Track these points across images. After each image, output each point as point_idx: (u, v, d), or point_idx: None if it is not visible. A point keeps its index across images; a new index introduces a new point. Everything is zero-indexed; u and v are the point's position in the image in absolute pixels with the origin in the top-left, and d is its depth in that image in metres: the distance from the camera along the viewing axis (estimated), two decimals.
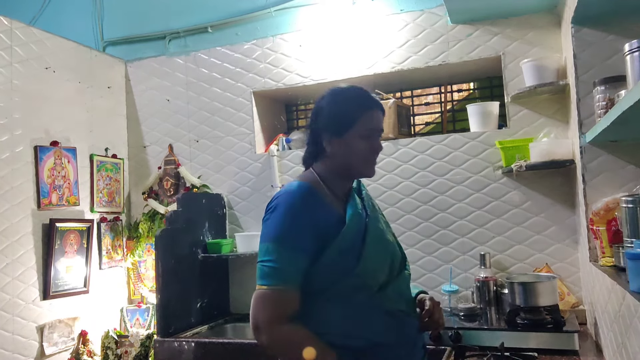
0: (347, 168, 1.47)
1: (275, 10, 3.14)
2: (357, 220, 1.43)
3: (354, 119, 1.44)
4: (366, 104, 1.47)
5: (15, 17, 2.74)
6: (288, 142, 3.12)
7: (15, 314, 2.55)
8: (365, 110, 1.45)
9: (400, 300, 1.44)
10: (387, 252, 1.47)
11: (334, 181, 1.48)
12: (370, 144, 1.46)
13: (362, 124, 1.44)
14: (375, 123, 1.47)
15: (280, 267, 1.33)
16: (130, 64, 3.44)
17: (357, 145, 1.44)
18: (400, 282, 1.47)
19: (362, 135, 1.44)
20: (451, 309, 2.53)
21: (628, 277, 1.40)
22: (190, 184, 3.25)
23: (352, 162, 1.46)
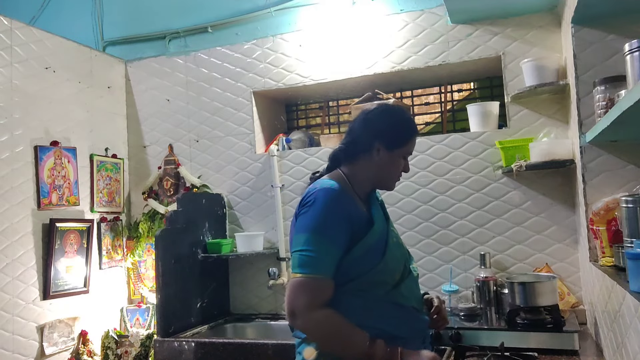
0: (379, 178, 1.62)
1: (275, 10, 3.14)
2: (381, 221, 1.58)
3: (406, 140, 1.60)
4: (416, 130, 1.65)
5: (15, 17, 2.74)
6: (288, 142, 3.12)
7: (15, 314, 2.55)
8: (414, 135, 1.64)
9: (411, 297, 1.55)
10: (402, 253, 1.62)
11: (360, 185, 1.61)
12: (405, 164, 1.64)
13: (409, 146, 1.62)
14: (414, 148, 1.65)
15: (318, 256, 1.41)
16: (130, 64, 3.44)
17: (397, 163, 1.61)
18: (411, 281, 1.59)
19: (404, 156, 1.63)
20: (451, 309, 2.53)
21: (628, 277, 1.40)
22: (190, 184, 3.25)
23: (386, 175, 1.62)
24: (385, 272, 1.50)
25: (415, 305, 1.57)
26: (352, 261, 1.46)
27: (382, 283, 1.49)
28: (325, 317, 1.41)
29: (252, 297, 3.08)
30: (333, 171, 1.64)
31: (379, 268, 1.48)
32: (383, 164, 1.59)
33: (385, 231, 1.57)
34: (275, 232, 3.03)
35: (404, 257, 1.62)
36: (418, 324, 1.57)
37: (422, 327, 1.59)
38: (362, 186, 1.61)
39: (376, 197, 1.69)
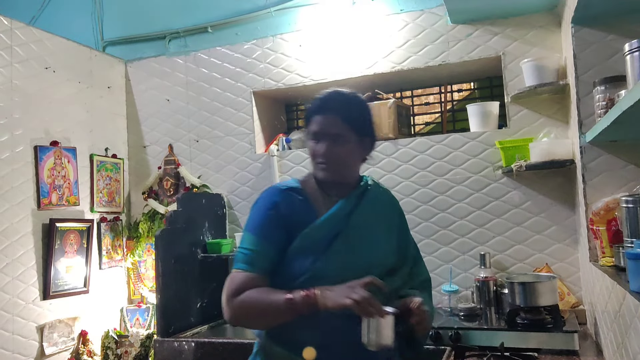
0: (312, 168, 1.53)
1: (275, 10, 3.14)
2: (329, 224, 1.45)
3: (307, 122, 1.52)
4: (312, 108, 1.50)
5: (15, 17, 2.74)
6: (288, 142, 3.11)
7: (15, 314, 2.55)
8: (311, 115, 1.49)
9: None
10: (357, 265, 1.42)
11: (322, 182, 1.51)
12: (314, 147, 1.48)
13: (310, 128, 1.50)
14: (317, 127, 1.47)
15: (249, 254, 1.44)
16: (130, 64, 3.44)
17: (309, 148, 1.51)
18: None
19: (310, 139, 1.50)
20: (451, 309, 2.53)
21: (628, 277, 1.40)
22: (190, 184, 3.25)
23: (311, 164, 1.51)
24: (318, 280, 1.36)
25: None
26: (288, 261, 1.43)
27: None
28: (243, 297, 1.38)
29: None
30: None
31: (311, 274, 1.39)
32: (309, 151, 1.51)
33: (332, 235, 1.43)
34: None
35: (359, 269, 1.39)
36: (350, 337, 1.35)
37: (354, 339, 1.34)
38: (324, 184, 1.51)
39: (362, 195, 1.52)
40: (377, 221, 1.54)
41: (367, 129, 1.52)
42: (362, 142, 1.50)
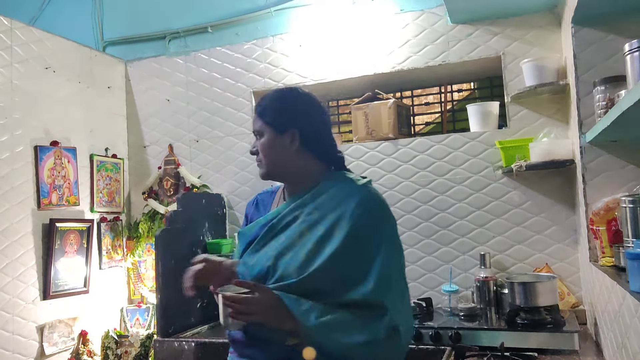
0: None
1: (275, 10, 3.14)
2: (252, 227, 1.50)
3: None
4: (257, 106, 1.52)
5: (15, 17, 2.74)
6: None
7: (15, 314, 2.55)
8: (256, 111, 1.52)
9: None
10: (262, 267, 1.41)
11: (284, 186, 1.56)
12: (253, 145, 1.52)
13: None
14: (254, 126, 1.50)
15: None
16: (130, 64, 3.44)
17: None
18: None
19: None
20: (451, 309, 2.53)
21: (628, 277, 1.40)
22: (190, 184, 3.25)
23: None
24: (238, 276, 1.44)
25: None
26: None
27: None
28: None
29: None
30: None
31: (240, 275, 1.45)
32: None
33: (252, 237, 1.48)
34: None
35: (261, 271, 1.40)
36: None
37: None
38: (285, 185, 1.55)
39: (314, 197, 1.44)
40: (305, 223, 1.41)
41: (287, 121, 1.45)
42: (286, 135, 1.44)
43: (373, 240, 1.35)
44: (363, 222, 1.35)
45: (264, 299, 1.30)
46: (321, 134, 1.49)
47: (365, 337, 1.28)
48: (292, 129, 1.44)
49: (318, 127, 1.49)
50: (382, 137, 2.86)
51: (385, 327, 1.29)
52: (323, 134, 1.50)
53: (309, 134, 1.45)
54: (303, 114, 1.47)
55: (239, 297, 1.30)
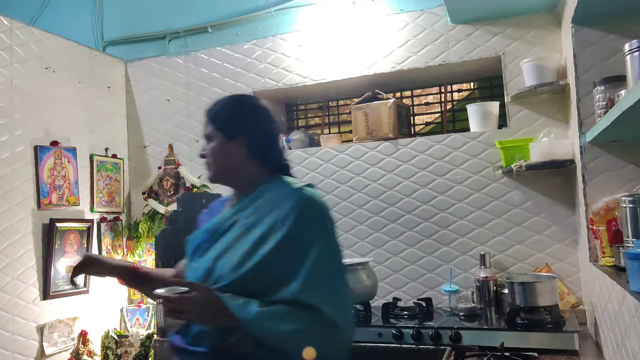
0: None
1: (275, 10, 3.14)
2: (198, 234, 1.56)
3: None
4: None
5: (15, 17, 2.74)
6: (288, 142, 3.11)
7: (15, 314, 2.55)
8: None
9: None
10: (203, 271, 1.47)
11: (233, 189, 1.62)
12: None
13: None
14: (204, 129, 1.57)
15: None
16: (130, 64, 3.44)
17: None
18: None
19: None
20: (451, 309, 2.53)
21: (628, 277, 1.40)
22: (190, 184, 3.25)
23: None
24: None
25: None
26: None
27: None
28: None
29: None
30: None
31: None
32: None
33: (196, 244, 1.54)
34: None
35: (202, 274, 1.45)
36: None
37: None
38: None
39: (253, 200, 1.50)
40: (245, 232, 1.45)
41: (237, 128, 1.51)
42: (235, 142, 1.50)
43: (305, 242, 1.37)
44: (297, 224, 1.38)
45: (201, 297, 1.34)
46: (269, 142, 1.56)
47: (298, 327, 1.32)
48: (242, 136, 1.51)
49: (267, 136, 1.55)
50: (382, 137, 2.86)
51: (318, 321, 1.33)
52: (271, 143, 1.57)
53: (258, 142, 1.52)
54: (253, 123, 1.54)
55: (175, 296, 1.33)
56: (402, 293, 2.77)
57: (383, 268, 2.81)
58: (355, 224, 2.88)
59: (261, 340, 1.33)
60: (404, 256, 2.79)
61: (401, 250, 2.80)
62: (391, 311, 2.53)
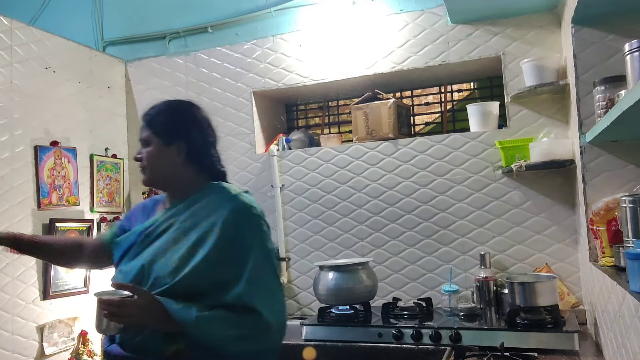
0: None
1: (275, 10, 3.14)
2: (128, 236, 1.57)
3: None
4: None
5: (15, 17, 2.74)
6: (288, 142, 3.12)
7: (15, 314, 2.55)
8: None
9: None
10: (130, 271, 1.49)
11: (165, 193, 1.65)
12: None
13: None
14: (140, 134, 1.62)
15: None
16: (130, 64, 3.44)
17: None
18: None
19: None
20: (451, 309, 2.53)
21: (628, 277, 1.40)
22: None
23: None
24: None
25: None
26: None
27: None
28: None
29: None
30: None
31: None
32: None
33: (128, 245, 1.55)
34: (275, 232, 3.03)
35: (136, 277, 1.47)
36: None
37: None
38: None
39: (190, 204, 1.52)
40: (182, 235, 1.47)
41: (175, 134, 1.54)
42: (173, 147, 1.53)
43: (243, 246, 1.42)
44: (234, 229, 1.43)
45: (142, 301, 1.36)
46: (207, 148, 1.58)
47: (239, 332, 1.37)
48: (180, 141, 1.53)
49: (204, 142, 1.58)
50: (382, 137, 2.86)
51: (258, 324, 1.37)
52: (208, 149, 1.59)
53: (195, 148, 1.55)
54: (191, 128, 1.56)
55: (116, 300, 1.35)
56: (402, 293, 2.77)
57: (383, 268, 2.81)
58: (355, 224, 2.88)
59: (201, 344, 1.35)
60: (404, 256, 2.79)
61: (401, 250, 2.80)
62: (391, 311, 2.53)
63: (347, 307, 2.55)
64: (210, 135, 1.60)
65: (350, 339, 2.33)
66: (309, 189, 2.99)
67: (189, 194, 1.54)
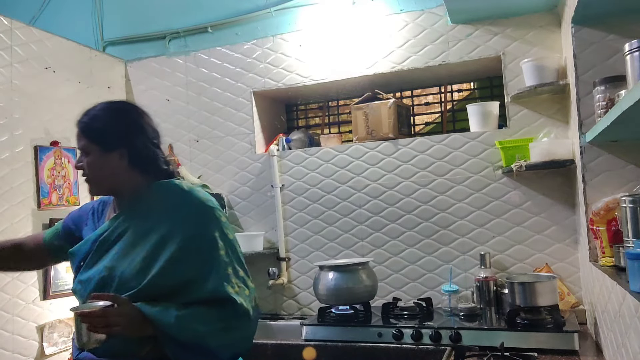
0: None
1: (275, 10, 3.14)
2: (82, 245, 1.54)
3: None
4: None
5: (15, 17, 2.73)
6: (288, 142, 3.12)
7: (15, 314, 2.55)
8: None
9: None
10: (91, 280, 1.47)
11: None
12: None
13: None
14: (78, 142, 1.55)
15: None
16: (130, 64, 3.44)
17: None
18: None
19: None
20: (451, 309, 2.53)
21: (628, 277, 1.40)
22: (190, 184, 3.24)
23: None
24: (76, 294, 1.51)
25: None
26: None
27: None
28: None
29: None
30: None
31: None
32: None
33: (82, 256, 1.52)
34: (275, 232, 3.03)
35: (97, 285, 1.45)
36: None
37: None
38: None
39: (132, 209, 1.51)
40: (141, 238, 1.46)
41: (115, 140, 1.48)
42: (114, 154, 1.48)
43: (205, 241, 1.43)
44: (193, 226, 1.43)
45: (125, 308, 1.34)
46: (150, 150, 1.52)
47: (221, 324, 1.38)
48: (121, 147, 1.48)
49: (146, 144, 1.52)
50: (382, 137, 2.86)
51: (237, 313, 1.39)
52: (152, 149, 1.53)
53: (138, 152, 1.50)
54: (132, 132, 1.51)
55: (99, 311, 1.32)
56: (402, 293, 2.78)
57: (383, 268, 2.81)
58: (355, 224, 2.88)
59: (183, 342, 1.34)
60: (404, 256, 2.79)
61: (401, 250, 2.80)
62: (391, 311, 2.53)
63: (347, 307, 2.55)
64: (152, 135, 1.55)
65: (350, 339, 2.33)
66: (309, 189, 2.99)
67: (138, 196, 1.51)
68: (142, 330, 1.36)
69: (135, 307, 1.36)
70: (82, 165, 1.52)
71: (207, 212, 1.47)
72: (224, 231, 1.48)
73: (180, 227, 1.43)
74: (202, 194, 1.52)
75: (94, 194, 1.57)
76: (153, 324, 1.35)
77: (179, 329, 1.34)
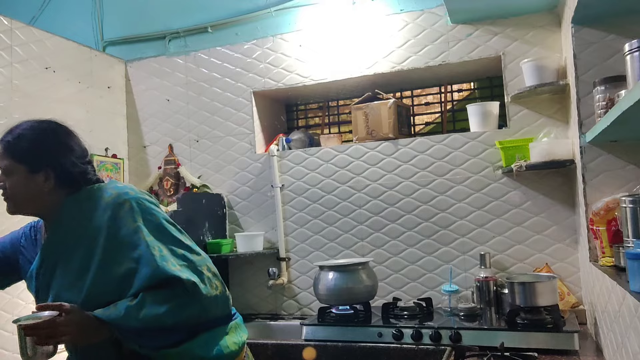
0: None
1: (275, 10, 3.14)
2: (31, 279, 1.55)
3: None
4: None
5: (15, 17, 2.74)
6: (288, 142, 3.12)
7: (15, 314, 2.55)
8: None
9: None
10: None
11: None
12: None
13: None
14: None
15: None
16: (130, 64, 3.44)
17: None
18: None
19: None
20: (451, 309, 2.53)
21: (628, 277, 1.40)
22: (190, 184, 3.25)
23: None
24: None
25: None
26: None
27: None
28: None
29: (251, 297, 3.08)
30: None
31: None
32: None
33: (34, 289, 1.53)
34: (275, 232, 3.03)
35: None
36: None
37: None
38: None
39: (55, 227, 1.48)
40: (71, 253, 1.45)
41: (41, 160, 1.44)
42: (40, 175, 1.44)
43: (129, 232, 1.39)
44: (113, 223, 1.40)
45: (74, 316, 1.33)
46: (77, 167, 1.49)
47: (173, 303, 1.35)
48: (47, 168, 1.44)
49: (74, 162, 1.48)
50: (382, 137, 2.86)
51: (185, 287, 1.36)
52: (79, 167, 1.49)
53: (65, 172, 1.46)
54: (59, 152, 1.47)
55: (45, 322, 1.31)
56: (402, 293, 2.78)
57: (383, 268, 2.81)
58: (355, 224, 2.88)
59: (141, 330, 1.34)
60: (404, 256, 2.79)
61: (401, 250, 2.80)
62: (391, 311, 2.53)
63: (347, 307, 2.55)
64: (80, 154, 1.52)
65: (350, 339, 2.33)
66: (309, 189, 2.99)
67: (59, 217, 1.47)
68: (98, 335, 1.34)
69: (84, 313, 1.34)
70: (2, 185, 1.46)
71: (121, 205, 1.42)
72: (147, 217, 1.43)
73: (100, 231, 1.41)
74: (115, 189, 1.47)
75: (12, 214, 1.52)
76: (108, 324, 1.33)
77: (132, 320, 1.32)
